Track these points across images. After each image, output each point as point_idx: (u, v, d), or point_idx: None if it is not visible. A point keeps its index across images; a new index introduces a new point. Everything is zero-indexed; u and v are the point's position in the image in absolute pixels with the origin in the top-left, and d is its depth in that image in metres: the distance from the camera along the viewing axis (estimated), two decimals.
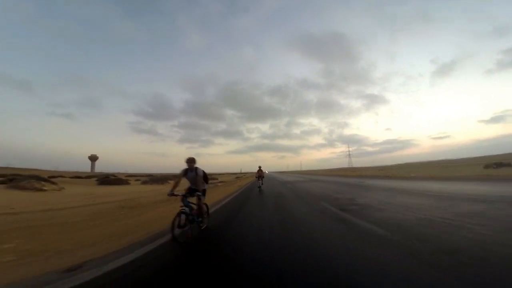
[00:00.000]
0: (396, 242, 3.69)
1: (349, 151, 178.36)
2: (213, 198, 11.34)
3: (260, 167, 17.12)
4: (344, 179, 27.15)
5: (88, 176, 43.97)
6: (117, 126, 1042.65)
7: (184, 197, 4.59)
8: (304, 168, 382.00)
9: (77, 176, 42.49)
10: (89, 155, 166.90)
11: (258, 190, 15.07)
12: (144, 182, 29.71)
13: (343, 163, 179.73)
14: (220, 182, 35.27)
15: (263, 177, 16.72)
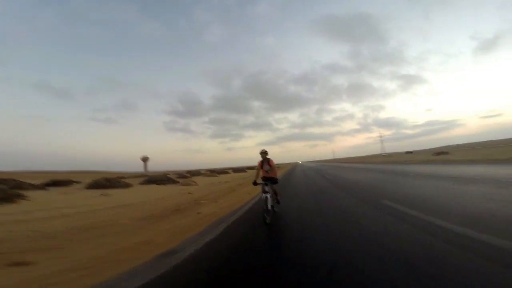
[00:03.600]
0: None
1: (380, 136, 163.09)
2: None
3: (264, 152, 6.01)
4: (391, 166, 24.88)
5: (143, 175, 46.67)
6: (153, 126, 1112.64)
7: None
8: (337, 156, 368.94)
9: (137, 176, 46.25)
10: (141, 156, 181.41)
11: (264, 221, 4.97)
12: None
13: (385, 148, 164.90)
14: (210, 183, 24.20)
15: (277, 182, 6.07)
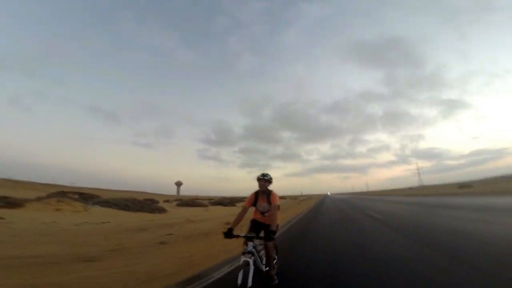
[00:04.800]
0: None
1: (417, 168, 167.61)
2: None
3: (264, 179, 3.51)
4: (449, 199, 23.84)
5: (177, 199, 54.38)
6: (188, 153, 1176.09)
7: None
8: (371, 189, 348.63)
9: (176, 199, 54.52)
10: (176, 181, 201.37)
11: None
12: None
13: (423, 181, 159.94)
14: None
15: (272, 238, 2.92)
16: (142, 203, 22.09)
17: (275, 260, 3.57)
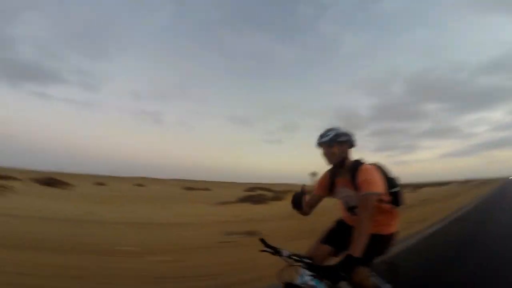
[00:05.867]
0: None
1: None
2: None
3: (322, 142, 1.58)
4: None
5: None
6: (312, 143, 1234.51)
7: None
8: None
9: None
10: (310, 171, 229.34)
11: None
12: None
13: None
14: None
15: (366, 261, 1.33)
16: None
17: None
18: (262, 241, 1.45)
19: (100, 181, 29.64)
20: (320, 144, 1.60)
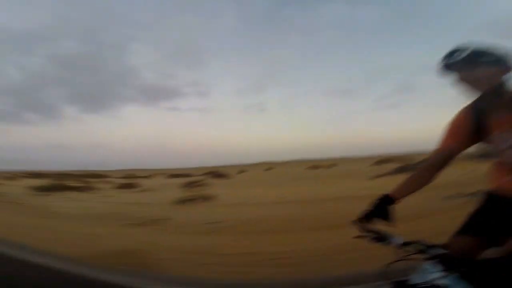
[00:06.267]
0: None
1: None
2: None
3: (452, 62, 1.05)
4: None
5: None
6: (438, 102, 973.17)
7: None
8: None
9: None
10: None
11: None
12: None
13: None
14: None
15: None
16: None
17: None
18: (360, 221, 1.02)
19: (243, 169, 35.79)
20: (450, 66, 1.02)
